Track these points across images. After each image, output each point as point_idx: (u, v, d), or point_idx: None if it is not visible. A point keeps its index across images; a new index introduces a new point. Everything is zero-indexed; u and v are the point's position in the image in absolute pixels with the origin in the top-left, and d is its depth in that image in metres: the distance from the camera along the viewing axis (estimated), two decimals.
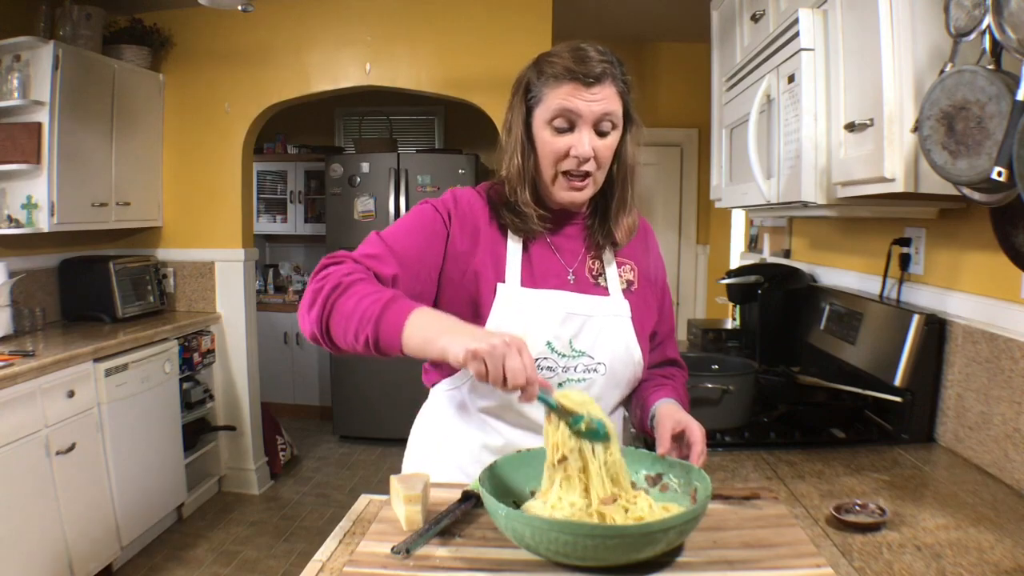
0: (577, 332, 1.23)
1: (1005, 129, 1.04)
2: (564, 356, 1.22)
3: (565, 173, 1.19)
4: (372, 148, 4.69)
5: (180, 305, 3.87)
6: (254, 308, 3.97)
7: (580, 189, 1.20)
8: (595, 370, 1.24)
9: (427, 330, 0.99)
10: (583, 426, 1.00)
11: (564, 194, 1.21)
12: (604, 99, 1.15)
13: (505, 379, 0.92)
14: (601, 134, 1.17)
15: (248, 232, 3.87)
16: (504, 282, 1.22)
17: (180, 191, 3.82)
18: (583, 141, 1.15)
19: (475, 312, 1.22)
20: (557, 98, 1.15)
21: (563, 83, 1.14)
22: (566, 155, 1.17)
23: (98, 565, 2.77)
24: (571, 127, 1.16)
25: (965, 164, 1.14)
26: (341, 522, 1.11)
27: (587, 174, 1.19)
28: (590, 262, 1.29)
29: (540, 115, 1.18)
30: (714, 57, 2.68)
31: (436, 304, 1.22)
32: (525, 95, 1.20)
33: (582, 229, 1.30)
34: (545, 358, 1.21)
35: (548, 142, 1.17)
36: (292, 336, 5.19)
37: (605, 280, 1.29)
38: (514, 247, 1.24)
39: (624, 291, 1.29)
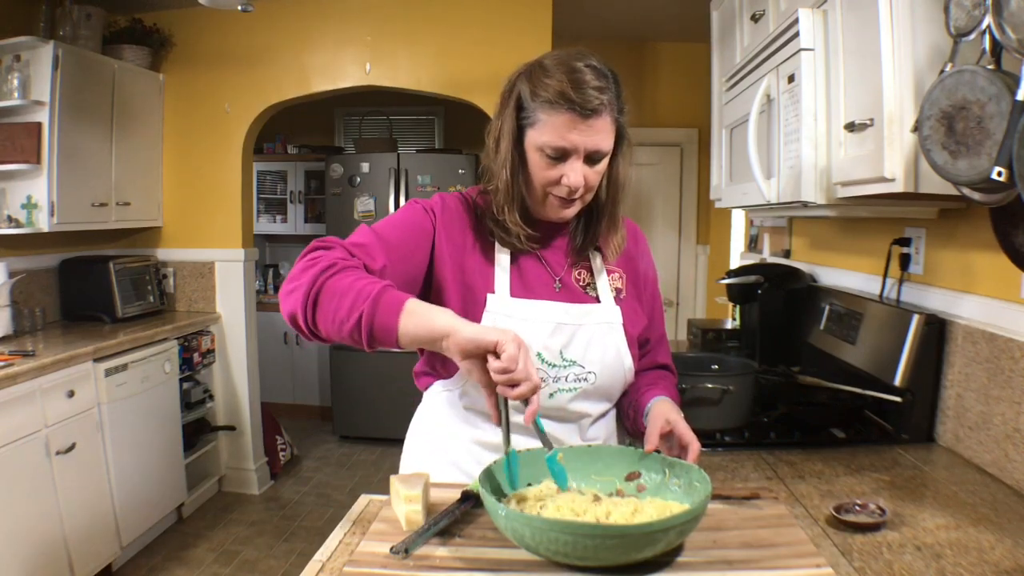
0: (567, 342, 1.23)
1: (1005, 129, 1.04)
2: (554, 366, 1.22)
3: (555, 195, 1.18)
4: (372, 148, 4.68)
5: (180, 305, 3.87)
6: (254, 308, 3.97)
7: (569, 207, 1.20)
8: (585, 379, 1.25)
9: (428, 313, 0.98)
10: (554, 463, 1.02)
11: (554, 212, 1.21)
12: (599, 131, 1.13)
13: (509, 375, 0.93)
14: (592, 162, 1.16)
15: (248, 232, 3.87)
16: (494, 292, 1.22)
17: (180, 191, 3.82)
18: (575, 171, 1.14)
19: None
20: (552, 128, 1.12)
21: (559, 111, 1.11)
22: (557, 182, 1.16)
23: (98, 565, 2.77)
24: (564, 156, 1.14)
25: (965, 164, 1.14)
26: (341, 522, 1.11)
27: (576, 199, 1.18)
28: (576, 272, 1.29)
29: (533, 137, 1.15)
30: (714, 57, 2.68)
31: None
32: (517, 111, 1.17)
33: (568, 239, 1.29)
34: (536, 369, 1.21)
35: (539, 166, 1.16)
36: (292, 336, 5.18)
37: (595, 289, 1.29)
38: (503, 257, 1.24)
39: (615, 298, 1.29)
